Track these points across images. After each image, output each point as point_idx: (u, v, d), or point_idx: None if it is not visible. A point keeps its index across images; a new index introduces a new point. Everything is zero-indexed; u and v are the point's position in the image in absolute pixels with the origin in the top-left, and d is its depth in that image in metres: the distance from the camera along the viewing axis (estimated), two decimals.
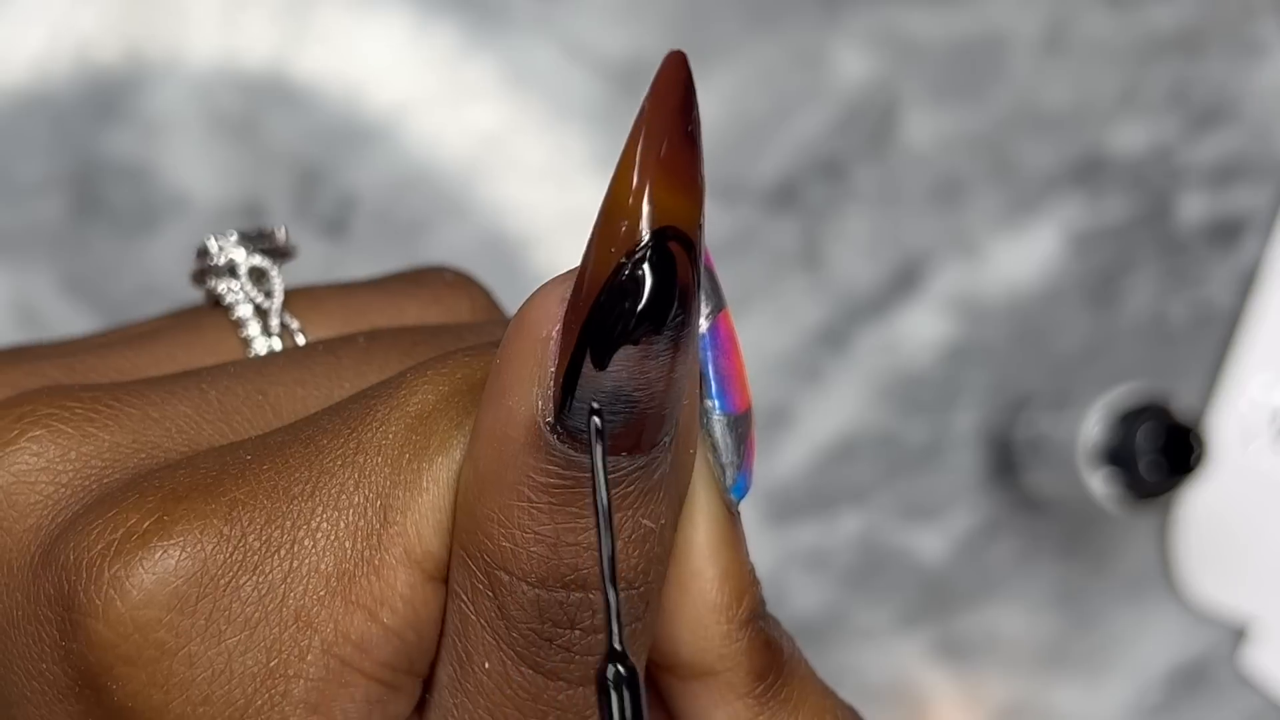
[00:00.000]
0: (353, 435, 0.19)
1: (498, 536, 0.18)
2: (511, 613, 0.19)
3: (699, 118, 0.17)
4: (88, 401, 0.20)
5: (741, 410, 0.20)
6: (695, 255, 0.17)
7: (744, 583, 0.21)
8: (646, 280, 0.17)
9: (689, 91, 0.17)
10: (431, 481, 0.19)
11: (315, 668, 0.19)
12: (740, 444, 0.20)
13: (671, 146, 0.17)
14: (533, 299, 0.18)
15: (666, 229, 0.17)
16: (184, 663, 0.18)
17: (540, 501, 0.18)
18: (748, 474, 0.21)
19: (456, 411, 0.19)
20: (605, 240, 0.17)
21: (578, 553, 0.18)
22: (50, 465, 0.20)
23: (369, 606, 0.19)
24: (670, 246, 0.17)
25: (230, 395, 0.21)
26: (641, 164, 0.17)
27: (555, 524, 0.18)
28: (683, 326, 0.17)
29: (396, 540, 0.19)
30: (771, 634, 0.21)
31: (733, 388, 0.20)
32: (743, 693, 0.21)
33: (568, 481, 0.18)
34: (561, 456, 0.18)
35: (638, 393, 0.17)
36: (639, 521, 0.18)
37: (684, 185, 0.17)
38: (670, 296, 0.17)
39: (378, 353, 0.22)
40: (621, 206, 0.17)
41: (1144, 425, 0.49)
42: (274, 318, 0.23)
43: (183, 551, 0.18)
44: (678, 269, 0.17)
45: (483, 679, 0.19)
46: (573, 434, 0.18)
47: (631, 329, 0.17)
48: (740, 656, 0.20)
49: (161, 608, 0.18)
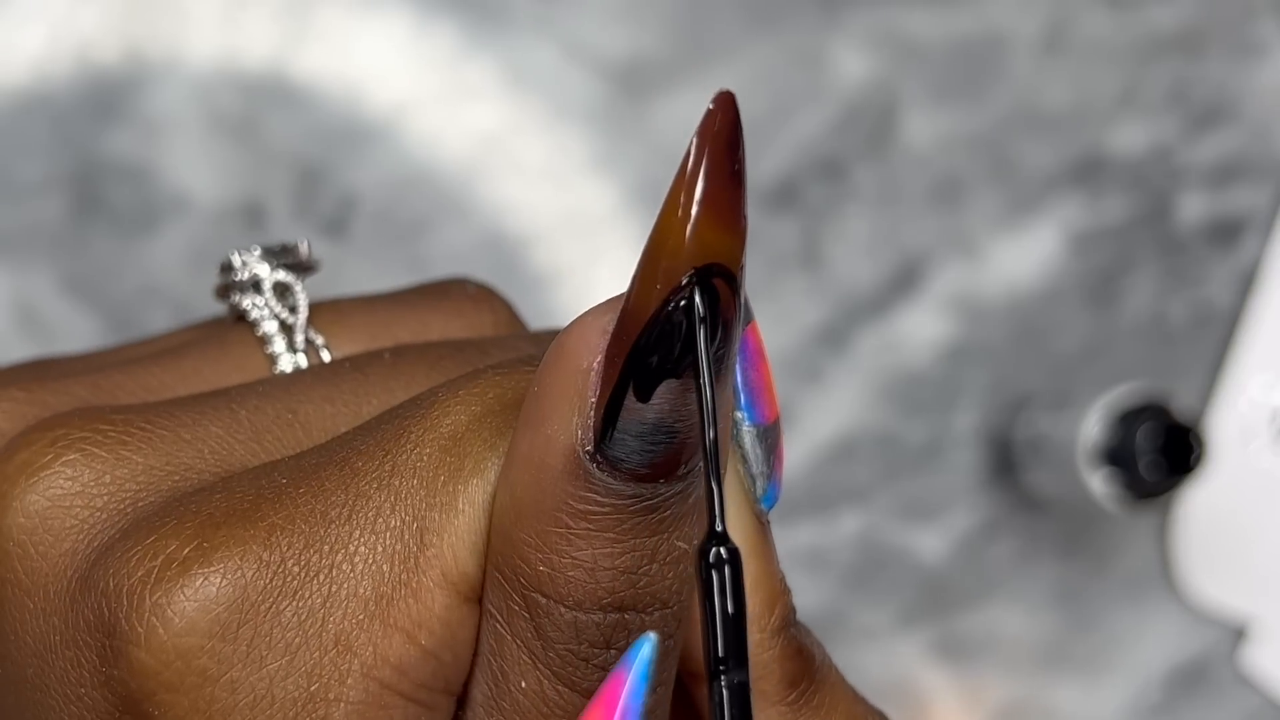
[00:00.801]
0: (387, 457, 0.19)
1: (535, 561, 0.18)
2: (548, 634, 0.19)
3: (744, 156, 0.17)
4: (120, 424, 0.20)
5: (770, 421, 0.21)
6: (736, 290, 0.17)
7: (775, 591, 0.21)
8: (691, 315, 0.17)
9: (736, 130, 0.17)
10: (467, 503, 0.19)
11: (355, 691, 0.19)
12: (770, 454, 0.21)
13: (719, 185, 0.17)
14: (573, 328, 0.18)
15: (711, 266, 0.17)
16: (226, 689, 0.19)
17: (578, 528, 0.18)
18: (778, 484, 0.21)
19: (490, 432, 0.19)
20: (650, 275, 0.17)
21: (614, 576, 0.18)
22: (85, 489, 0.20)
23: (407, 629, 0.19)
24: (714, 283, 0.17)
25: (260, 414, 0.21)
26: (687, 202, 0.17)
27: (593, 550, 0.18)
28: (724, 359, 0.18)
29: (434, 563, 0.19)
30: (803, 642, 0.21)
31: (761, 399, 0.20)
32: (775, 700, 0.21)
33: (606, 509, 0.18)
34: (601, 485, 0.18)
35: (679, 424, 0.18)
36: (674, 544, 0.19)
37: (729, 224, 0.17)
38: (714, 330, 0.17)
39: (404, 369, 0.22)
40: (667, 243, 0.17)
41: (1144, 425, 0.49)
42: (299, 334, 0.23)
43: (224, 578, 0.19)
44: (721, 305, 0.17)
45: (519, 698, 0.19)
46: (613, 463, 0.18)
47: (674, 363, 0.17)
48: (773, 665, 0.21)
49: (204, 635, 0.18)
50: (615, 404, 0.18)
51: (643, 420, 0.17)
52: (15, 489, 0.20)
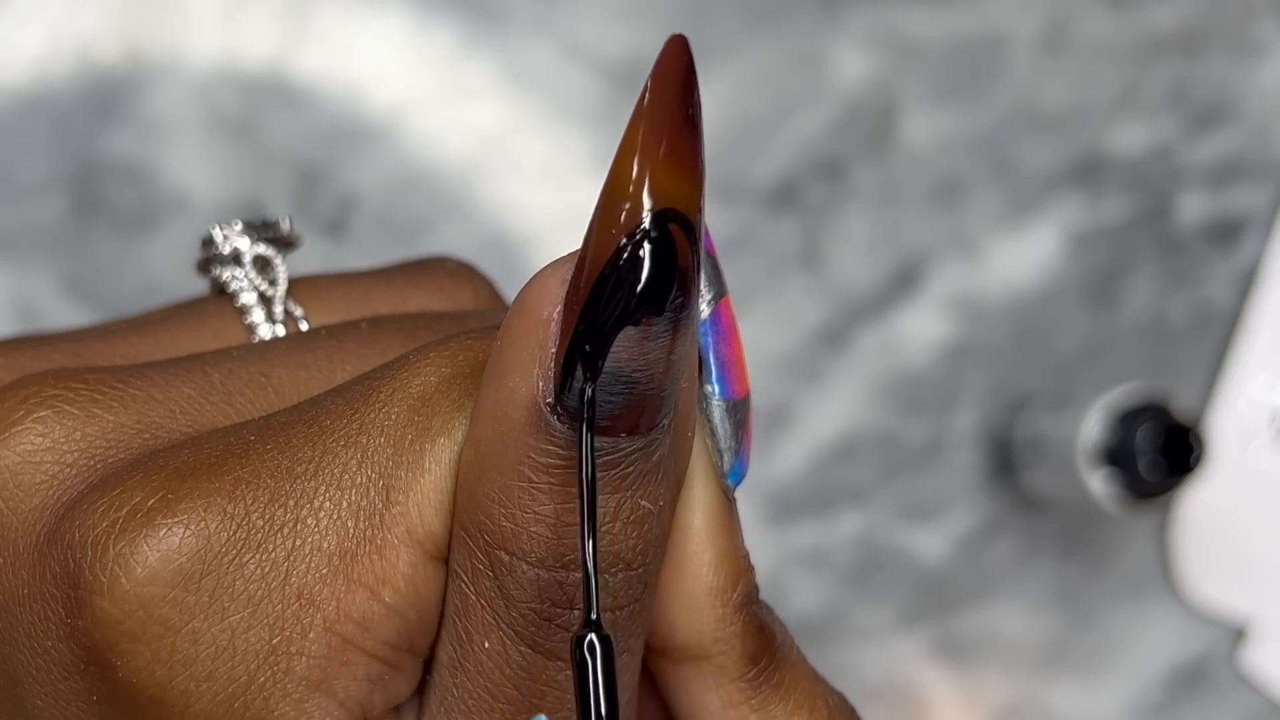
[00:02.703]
0: (355, 416, 0.19)
1: (498, 517, 0.18)
2: (511, 592, 0.19)
3: (700, 102, 0.17)
4: (92, 383, 0.20)
5: (740, 396, 0.21)
6: (695, 238, 0.17)
7: (739, 567, 0.21)
8: (646, 262, 0.17)
9: (690, 75, 0.17)
10: (434, 462, 0.19)
11: (317, 645, 0.19)
12: (739, 430, 0.21)
13: (672, 130, 0.17)
14: (534, 280, 0.18)
15: (667, 211, 0.17)
16: (188, 639, 0.19)
17: (540, 482, 0.18)
18: (745, 460, 0.21)
19: (459, 393, 0.19)
20: (606, 222, 0.17)
21: (577, 533, 0.18)
22: (55, 445, 0.20)
23: (371, 585, 0.19)
24: (670, 229, 0.17)
25: (233, 378, 0.21)
26: (643, 147, 0.17)
27: (555, 504, 0.18)
28: (682, 309, 0.17)
29: (399, 520, 0.19)
30: (765, 619, 0.21)
31: (732, 374, 0.20)
32: (735, 676, 0.21)
33: (568, 462, 0.18)
34: (561, 437, 0.18)
35: (636, 374, 0.17)
36: (637, 503, 0.19)
37: (684, 168, 0.17)
38: (670, 278, 0.17)
39: (380, 337, 0.22)
40: (622, 189, 0.17)
41: (1144, 425, 0.49)
42: (278, 305, 0.23)
43: (187, 529, 0.19)
44: (678, 251, 0.17)
45: (482, 658, 0.19)
46: (573, 414, 0.18)
47: (631, 310, 0.17)
48: (734, 640, 0.21)
49: (166, 584, 0.18)
50: (574, 354, 0.17)
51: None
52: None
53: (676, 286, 0.17)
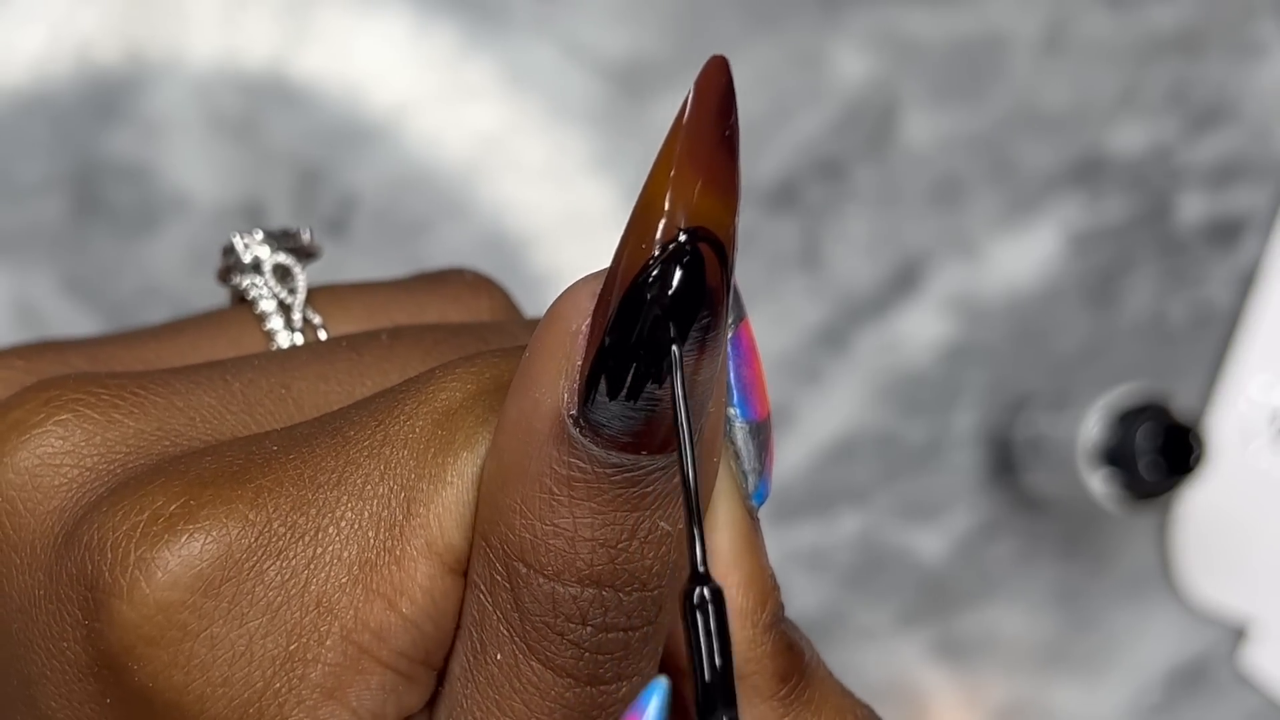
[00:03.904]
0: (380, 428, 0.19)
1: (518, 527, 0.18)
2: (526, 605, 0.19)
3: (738, 123, 0.17)
4: (113, 388, 0.20)
5: (762, 418, 0.21)
6: (726, 259, 0.17)
7: (766, 587, 0.21)
8: (675, 278, 0.17)
9: (729, 96, 0.17)
10: (456, 476, 0.19)
11: (333, 653, 0.19)
12: (761, 451, 0.21)
13: (709, 149, 0.17)
14: (565, 293, 0.18)
15: (699, 230, 0.17)
16: (205, 644, 0.19)
17: (561, 494, 0.18)
18: (767, 481, 0.21)
19: (483, 409, 0.19)
20: (637, 237, 0.17)
21: (594, 549, 0.18)
22: (75, 449, 0.20)
23: (388, 595, 0.19)
24: (701, 248, 0.17)
25: (254, 387, 0.21)
26: (679, 165, 0.17)
27: (574, 518, 0.18)
28: (710, 329, 0.17)
29: (419, 532, 0.19)
30: (793, 637, 0.21)
31: (754, 395, 0.20)
32: (767, 695, 0.21)
33: (588, 476, 0.18)
34: (583, 451, 0.18)
35: (660, 391, 0.17)
36: (656, 523, 0.18)
37: (719, 188, 0.17)
38: (699, 296, 0.17)
39: (400, 351, 0.22)
40: (656, 205, 0.17)
41: (1143, 425, 0.49)
42: (296, 312, 0.23)
43: (208, 535, 0.19)
44: (707, 270, 0.17)
45: (493, 670, 0.19)
46: (595, 428, 0.18)
47: (658, 327, 0.17)
48: (765, 660, 0.21)
49: (186, 590, 0.19)
50: (599, 368, 0.17)
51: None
52: (6, 446, 0.20)
53: (705, 306, 0.17)
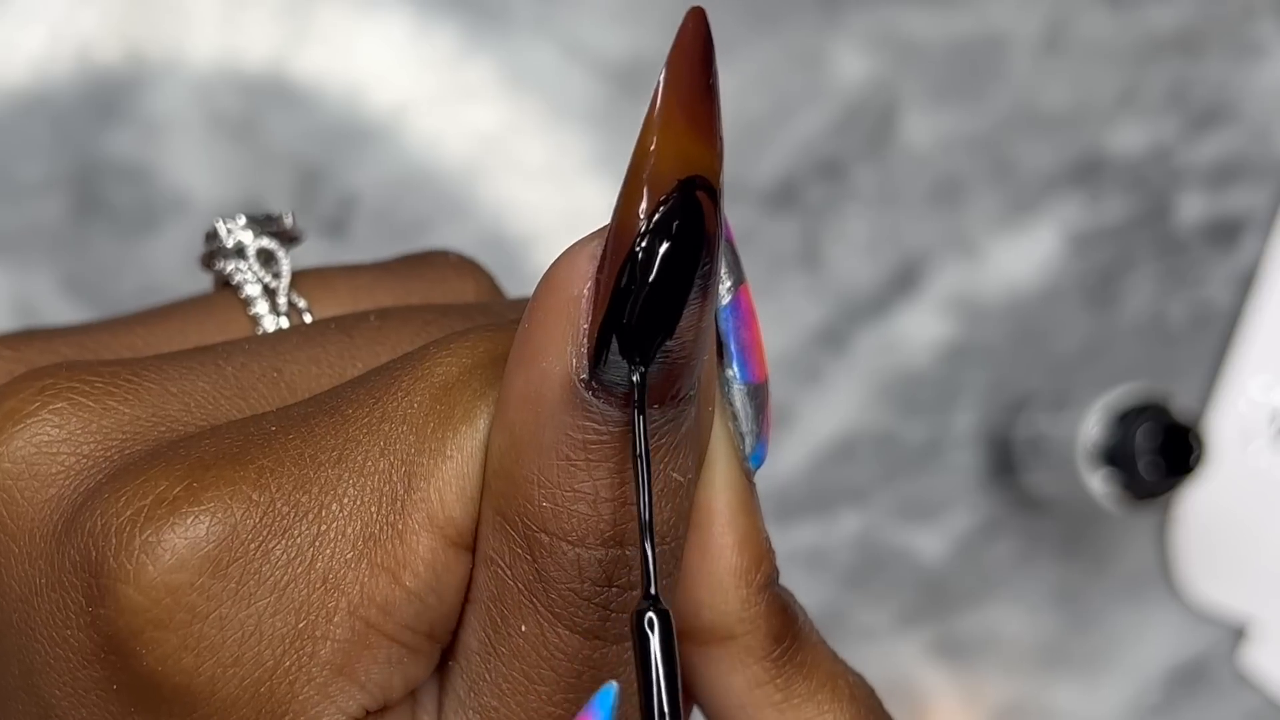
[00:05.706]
0: (377, 405, 0.19)
1: (538, 498, 0.18)
2: (550, 574, 0.19)
3: (718, 71, 0.17)
4: (107, 376, 0.20)
5: (760, 380, 0.21)
6: (717, 203, 0.17)
7: (762, 548, 0.21)
8: (675, 228, 0.17)
9: (708, 46, 0.17)
10: (456, 449, 0.19)
11: (341, 629, 0.19)
12: (759, 413, 0.21)
13: (693, 97, 0.17)
14: (561, 259, 0.18)
15: (693, 178, 0.17)
16: (215, 625, 0.19)
17: (579, 459, 0.18)
18: (765, 444, 0.21)
19: (480, 383, 0.19)
20: (633, 192, 0.17)
21: (616, 508, 0.18)
22: (71, 437, 0.20)
23: (392, 569, 0.19)
24: (697, 195, 0.17)
25: (246, 371, 0.21)
26: (665, 116, 0.17)
27: (594, 480, 0.18)
28: (710, 275, 0.18)
29: (420, 506, 0.19)
30: (786, 600, 0.21)
31: (752, 358, 0.21)
32: (760, 656, 0.21)
33: (605, 437, 0.18)
34: (598, 412, 0.18)
35: (670, 343, 0.18)
36: (670, 475, 0.19)
37: (705, 134, 0.17)
38: (700, 243, 0.17)
39: (390, 331, 0.22)
40: (647, 156, 0.17)
41: (1143, 425, 0.49)
42: (281, 296, 0.23)
43: (213, 517, 0.19)
44: (705, 218, 0.17)
45: (519, 642, 0.19)
46: (609, 389, 0.18)
47: (664, 278, 0.17)
48: (759, 620, 0.21)
49: (193, 571, 0.19)
50: (608, 328, 0.17)
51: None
52: (1, 435, 0.20)
53: (704, 251, 0.17)
